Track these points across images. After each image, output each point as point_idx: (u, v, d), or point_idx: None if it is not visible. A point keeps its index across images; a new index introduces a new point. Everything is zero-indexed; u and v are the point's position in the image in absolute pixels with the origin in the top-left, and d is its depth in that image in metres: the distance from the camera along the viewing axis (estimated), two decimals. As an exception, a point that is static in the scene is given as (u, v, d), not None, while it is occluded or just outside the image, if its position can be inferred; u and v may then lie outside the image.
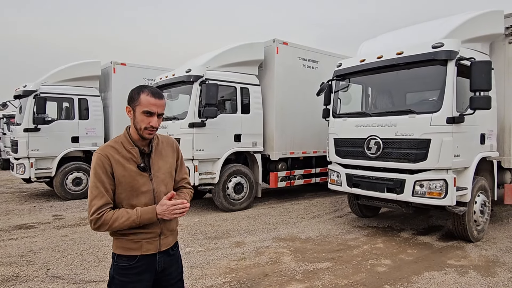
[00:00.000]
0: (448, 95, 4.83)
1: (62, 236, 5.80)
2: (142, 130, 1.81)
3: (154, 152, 1.91)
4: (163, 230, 1.88)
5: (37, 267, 4.43)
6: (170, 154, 2.00)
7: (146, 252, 1.83)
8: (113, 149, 1.80)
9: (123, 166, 1.78)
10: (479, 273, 4.22)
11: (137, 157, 1.83)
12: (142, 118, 1.80)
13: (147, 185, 1.84)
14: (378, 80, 6.13)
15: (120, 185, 1.78)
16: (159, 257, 1.89)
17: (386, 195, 5.36)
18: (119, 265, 1.83)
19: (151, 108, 1.79)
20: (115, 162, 1.77)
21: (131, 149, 1.83)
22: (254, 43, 8.03)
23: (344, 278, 4.07)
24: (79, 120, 9.34)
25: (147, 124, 1.80)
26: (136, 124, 1.83)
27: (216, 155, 7.38)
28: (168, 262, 1.94)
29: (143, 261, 1.84)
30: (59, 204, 8.52)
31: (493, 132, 5.59)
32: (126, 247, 1.82)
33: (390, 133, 5.27)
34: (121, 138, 1.87)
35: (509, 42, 5.78)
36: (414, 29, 6.04)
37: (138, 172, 1.81)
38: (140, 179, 1.81)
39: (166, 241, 1.92)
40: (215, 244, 5.37)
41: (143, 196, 1.82)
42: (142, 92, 1.81)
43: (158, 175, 1.89)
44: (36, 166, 8.73)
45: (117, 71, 10.06)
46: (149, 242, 1.84)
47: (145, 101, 1.79)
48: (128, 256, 1.82)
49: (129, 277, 1.82)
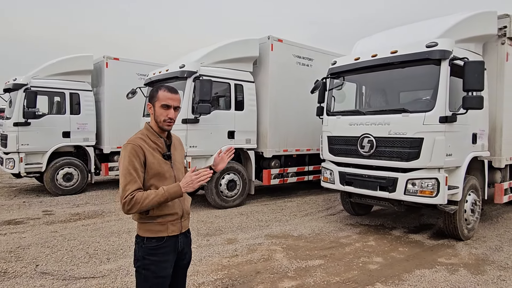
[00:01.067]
0: (441, 95, 4.86)
1: (51, 232, 5.72)
2: (162, 122, 2.08)
3: (172, 144, 2.20)
4: (184, 213, 2.15)
5: (25, 263, 4.37)
6: (180, 147, 2.31)
7: (171, 233, 2.08)
8: (142, 140, 2.05)
9: (153, 155, 2.04)
10: (469, 271, 4.27)
11: (162, 147, 2.11)
12: (161, 111, 2.07)
13: (170, 171, 2.10)
14: (372, 78, 6.15)
15: (150, 171, 2.02)
16: (180, 238, 2.15)
17: (378, 193, 5.38)
18: (149, 246, 2.04)
19: (168, 101, 2.07)
20: (147, 151, 2.02)
21: (157, 140, 2.10)
22: (249, 39, 7.99)
23: (336, 276, 4.08)
24: (70, 115, 9.20)
25: (166, 116, 2.07)
26: (157, 118, 2.09)
27: (209, 151, 7.33)
28: (186, 244, 2.21)
29: (169, 242, 2.08)
30: (49, 200, 8.41)
31: (484, 132, 5.65)
32: (154, 230, 2.05)
33: (384, 132, 5.29)
34: (144, 131, 2.12)
35: (501, 43, 5.83)
36: (409, 29, 6.06)
37: (163, 160, 2.09)
38: (164, 166, 2.08)
39: (185, 224, 2.19)
40: (207, 241, 5.35)
41: (167, 181, 2.07)
42: (159, 89, 2.10)
43: (176, 164, 2.18)
44: (26, 161, 8.59)
45: (110, 65, 9.91)
46: (173, 224, 2.09)
47: (162, 96, 2.08)
48: (157, 238, 2.05)
49: (159, 256, 2.05)
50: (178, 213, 2.11)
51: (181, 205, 2.13)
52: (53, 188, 8.88)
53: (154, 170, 2.03)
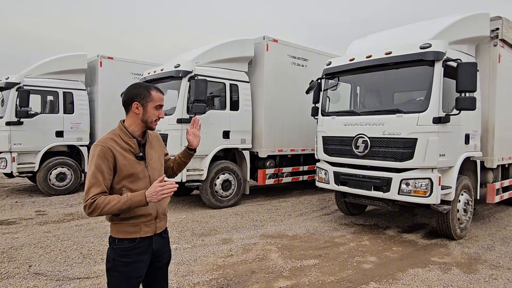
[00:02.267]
0: (435, 95, 4.91)
1: (45, 232, 5.67)
2: (153, 122, 2.09)
3: (147, 143, 2.14)
4: (158, 214, 2.10)
5: (18, 263, 4.32)
6: (158, 145, 2.25)
7: (144, 234, 2.04)
8: (113, 141, 1.99)
9: (124, 156, 1.97)
10: (461, 270, 4.32)
11: (135, 148, 2.04)
12: (154, 112, 2.08)
13: (144, 172, 2.05)
14: (367, 79, 6.19)
15: (121, 172, 1.96)
16: (155, 239, 2.11)
17: (372, 193, 5.42)
18: (121, 248, 2.00)
19: (162, 102, 2.11)
20: (117, 153, 1.96)
21: (129, 140, 2.03)
22: (244, 39, 7.99)
23: (330, 275, 4.10)
24: (63, 114, 9.13)
25: (157, 116, 2.09)
26: (148, 118, 2.07)
27: (204, 151, 7.33)
28: (161, 244, 2.17)
29: (142, 243, 2.04)
30: (42, 200, 8.33)
31: (477, 132, 5.72)
32: (126, 231, 2.01)
33: (378, 132, 5.32)
34: (117, 131, 2.05)
35: (494, 44, 5.91)
36: (403, 30, 6.12)
37: (136, 161, 2.02)
38: (138, 167, 2.02)
39: (160, 225, 2.14)
40: (202, 241, 5.34)
41: (141, 182, 2.02)
42: (151, 90, 2.08)
43: (151, 163, 2.11)
44: (18, 160, 8.49)
45: (104, 65, 9.86)
46: (147, 225, 2.05)
47: (157, 97, 2.09)
48: (129, 239, 2.01)
49: (131, 258, 2.01)
50: (152, 214, 2.05)
51: (155, 206, 2.06)
52: (46, 188, 8.80)
53: (125, 171, 1.97)
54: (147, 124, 2.08)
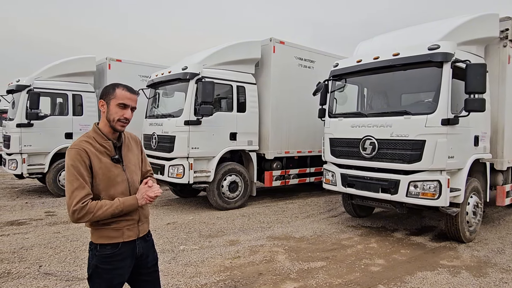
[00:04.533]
0: (443, 97, 4.87)
1: (54, 233, 5.74)
2: (116, 122, 1.95)
3: (124, 145, 2.07)
4: (140, 217, 2.06)
5: (29, 263, 4.39)
6: (135, 148, 2.17)
7: (127, 238, 1.98)
8: (88, 143, 1.91)
9: (99, 159, 1.90)
10: (471, 273, 4.27)
11: (111, 150, 1.97)
12: (117, 110, 1.95)
13: (122, 175, 1.98)
14: (374, 80, 6.16)
15: (97, 176, 1.89)
16: (138, 243, 2.06)
17: (380, 195, 5.39)
18: (103, 254, 1.94)
19: (126, 101, 1.96)
20: (92, 155, 1.88)
21: (104, 142, 1.95)
22: (251, 41, 8.02)
23: (338, 278, 4.09)
24: (73, 116, 9.24)
25: (121, 116, 1.95)
26: (110, 116, 1.95)
27: (211, 153, 7.36)
28: (145, 248, 2.11)
29: (125, 248, 1.98)
30: (51, 201, 8.44)
31: (486, 134, 5.65)
32: (108, 236, 1.94)
33: (386, 134, 5.30)
34: (91, 133, 1.98)
35: (503, 45, 5.85)
36: (411, 31, 6.08)
37: (112, 164, 1.95)
38: (115, 170, 1.95)
39: (143, 228, 2.10)
40: (209, 242, 5.36)
41: (119, 186, 1.96)
42: (117, 88, 1.98)
43: (129, 166, 2.05)
44: (28, 162, 8.63)
45: (112, 67, 9.98)
46: (129, 229, 1.99)
47: (120, 95, 1.96)
48: (112, 244, 1.94)
49: (113, 264, 1.94)
50: (134, 218, 2.01)
51: (138, 210, 2.02)
52: (55, 189, 8.91)
53: (102, 175, 1.90)
54: (110, 124, 1.95)
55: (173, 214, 7.27)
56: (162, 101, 8.29)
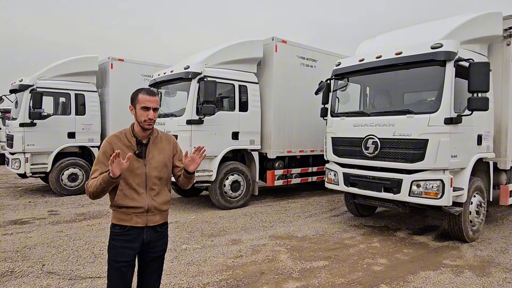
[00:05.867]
0: (446, 96, 4.85)
1: (57, 232, 5.77)
2: (143, 122, 2.27)
3: (152, 143, 2.35)
4: (150, 208, 2.28)
5: (32, 262, 4.41)
6: (167, 148, 2.42)
7: (135, 224, 2.25)
8: (117, 138, 2.31)
9: (123, 152, 2.17)
10: (474, 273, 4.25)
11: (134, 146, 2.29)
12: (141, 112, 2.26)
13: (141, 169, 2.27)
14: (377, 79, 6.14)
15: None
16: (147, 231, 2.30)
17: (383, 194, 5.38)
18: (113, 232, 2.29)
19: (147, 103, 2.26)
20: (116, 147, 2.23)
21: (130, 139, 2.31)
22: (253, 40, 8.01)
23: (340, 277, 4.08)
24: (75, 116, 9.27)
25: (146, 117, 2.25)
26: (138, 118, 2.28)
27: (214, 152, 7.36)
28: (155, 237, 2.34)
29: (132, 231, 2.26)
30: (54, 200, 8.47)
31: (489, 133, 5.63)
32: (119, 218, 2.27)
33: (388, 133, 5.28)
34: (126, 130, 2.36)
35: (507, 44, 5.81)
36: (413, 30, 6.06)
37: (134, 157, 2.25)
38: (135, 163, 2.25)
39: (154, 219, 2.32)
40: (211, 241, 5.37)
41: (137, 177, 2.25)
42: (139, 93, 2.30)
43: (152, 162, 2.31)
44: (31, 161, 8.66)
45: (115, 66, 9.99)
46: (138, 216, 2.26)
47: (142, 99, 2.27)
48: (120, 226, 2.26)
49: (120, 242, 2.26)
50: (143, 207, 2.25)
51: (147, 200, 2.27)
52: (58, 188, 8.94)
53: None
54: (140, 124, 2.28)
55: (175, 213, 7.28)
56: (164, 100, 8.29)
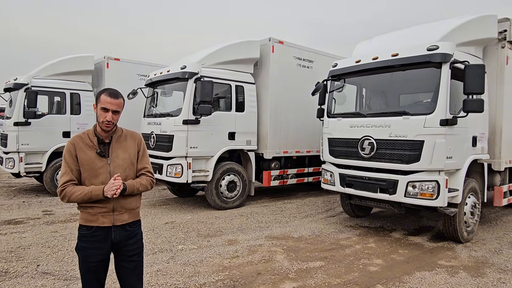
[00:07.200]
0: (442, 98, 4.89)
1: (52, 232, 5.72)
2: (101, 123, 2.27)
3: (115, 142, 2.34)
4: (116, 207, 2.28)
5: (26, 263, 4.37)
6: (132, 146, 2.41)
7: (101, 224, 2.25)
8: (79, 138, 2.30)
9: (85, 152, 2.25)
10: (469, 273, 4.29)
11: (95, 145, 2.28)
12: (101, 113, 2.26)
13: (105, 168, 2.27)
14: (373, 81, 6.17)
15: (82, 166, 2.24)
16: (115, 230, 2.29)
17: (378, 195, 5.40)
18: (81, 233, 2.28)
19: (106, 105, 2.25)
20: (79, 148, 2.25)
21: (92, 138, 2.30)
22: (250, 41, 8.01)
23: (336, 277, 4.09)
24: (70, 115, 9.20)
25: (104, 118, 2.25)
26: (98, 118, 2.29)
27: (210, 152, 7.35)
28: (125, 236, 2.33)
29: (99, 232, 2.25)
30: (48, 200, 8.41)
31: (484, 135, 5.67)
32: (85, 219, 2.27)
33: (384, 134, 5.31)
34: (88, 130, 2.35)
35: (501, 46, 5.87)
36: (410, 32, 6.09)
37: (97, 156, 2.26)
38: (98, 163, 2.26)
39: (121, 217, 2.31)
40: (207, 242, 5.35)
41: (101, 176, 2.25)
42: (103, 93, 2.28)
43: (116, 160, 2.31)
44: (26, 160, 8.58)
45: (111, 66, 9.94)
46: (104, 216, 2.25)
47: (103, 100, 2.26)
48: (87, 227, 2.26)
49: (87, 244, 2.26)
50: (108, 206, 2.25)
51: (112, 200, 2.25)
52: (52, 188, 8.86)
53: (86, 165, 2.24)
54: (99, 125, 2.29)
55: (171, 213, 7.26)
56: (160, 100, 8.26)
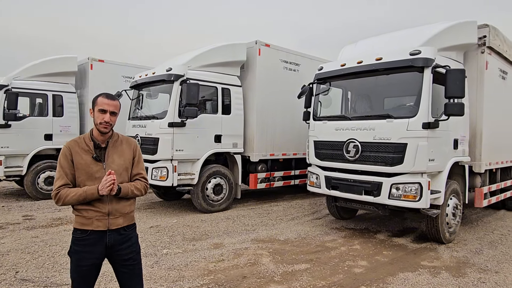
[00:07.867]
0: (424, 101, 4.98)
1: (32, 237, 5.56)
2: (99, 125, 2.28)
3: (111, 146, 2.36)
4: (111, 211, 2.28)
5: (5, 269, 4.23)
6: (127, 152, 2.43)
7: (96, 228, 2.24)
8: (75, 142, 2.30)
9: (81, 156, 2.26)
10: (450, 273, 4.37)
11: (92, 149, 2.30)
12: (98, 115, 2.29)
13: (100, 172, 2.28)
14: (358, 84, 6.25)
15: (77, 170, 2.25)
16: (109, 234, 2.28)
17: (363, 197, 5.46)
18: (75, 237, 2.28)
19: (104, 106, 2.28)
20: (75, 152, 2.26)
21: (88, 143, 2.31)
22: (237, 43, 8.01)
23: (321, 279, 4.11)
24: (53, 117, 9.00)
25: (102, 119, 2.27)
26: (95, 121, 2.30)
27: (196, 155, 7.30)
28: (119, 240, 2.32)
29: (94, 235, 2.25)
30: (29, 204, 8.18)
31: (465, 137, 5.81)
32: (80, 222, 2.26)
33: (369, 137, 5.37)
34: (85, 135, 2.36)
35: (481, 51, 6.03)
36: (393, 36, 6.21)
37: (93, 161, 2.28)
38: (94, 167, 2.27)
39: (116, 221, 2.30)
40: (193, 245, 5.30)
41: (96, 181, 2.24)
42: (99, 96, 2.33)
43: (112, 165, 2.31)
44: (5, 164, 8.33)
45: (95, 67, 9.77)
46: (99, 220, 2.25)
47: (100, 102, 2.30)
48: (82, 230, 2.25)
49: (81, 247, 2.25)
50: (103, 210, 2.25)
51: (108, 204, 2.26)
52: (33, 192, 8.64)
53: (81, 169, 2.25)
54: (96, 127, 2.30)
55: (156, 217, 7.17)
56: (145, 102, 8.17)
